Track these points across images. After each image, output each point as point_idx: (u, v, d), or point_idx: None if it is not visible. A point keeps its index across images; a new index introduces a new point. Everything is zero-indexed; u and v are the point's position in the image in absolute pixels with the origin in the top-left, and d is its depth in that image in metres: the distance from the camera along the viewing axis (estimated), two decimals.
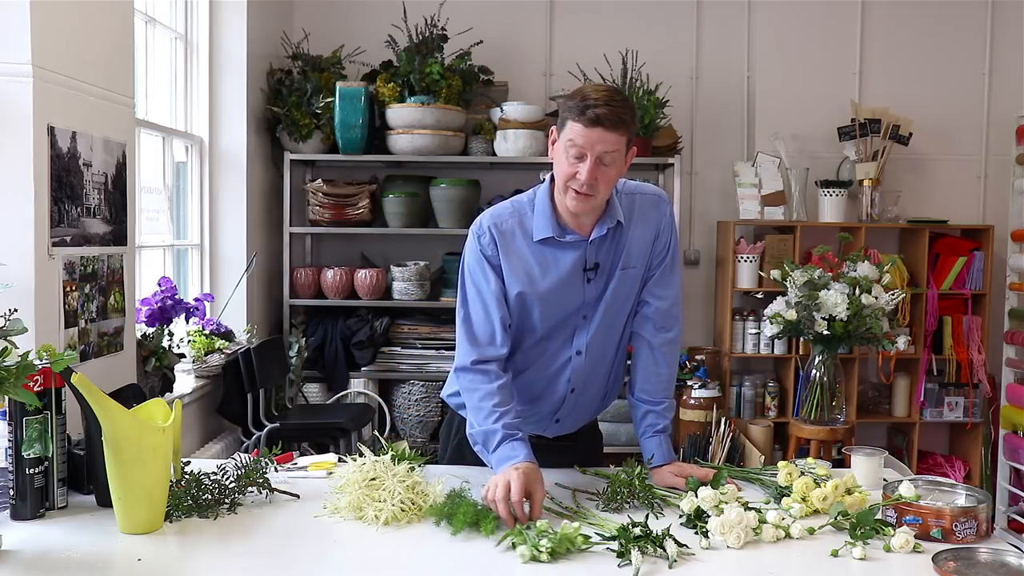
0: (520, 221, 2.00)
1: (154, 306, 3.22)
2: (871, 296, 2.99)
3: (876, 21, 4.68)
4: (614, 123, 1.83)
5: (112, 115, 2.68)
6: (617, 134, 1.84)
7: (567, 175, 1.88)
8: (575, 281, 2.01)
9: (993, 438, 4.58)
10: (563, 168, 1.89)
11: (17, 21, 2.23)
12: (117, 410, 1.64)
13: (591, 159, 1.84)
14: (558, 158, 1.91)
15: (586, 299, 2.03)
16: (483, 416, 1.91)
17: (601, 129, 1.83)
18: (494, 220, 2.01)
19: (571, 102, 1.87)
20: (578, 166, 1.86)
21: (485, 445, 1.90)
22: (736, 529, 1.64)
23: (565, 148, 1.87)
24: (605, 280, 2.03)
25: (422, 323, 4.52)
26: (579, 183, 1.86)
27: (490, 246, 1.98)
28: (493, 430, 1.88)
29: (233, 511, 1.79)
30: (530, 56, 4.72)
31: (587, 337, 2.05)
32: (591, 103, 1.83)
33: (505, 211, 2.03)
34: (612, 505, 1.83)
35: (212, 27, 4.08)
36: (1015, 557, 1.57)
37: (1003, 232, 4.60)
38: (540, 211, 1.99)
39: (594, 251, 2.00)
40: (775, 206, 4.47)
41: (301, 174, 4.63)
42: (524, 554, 1.55)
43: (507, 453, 1.84)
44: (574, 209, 1.93)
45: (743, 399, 4.54)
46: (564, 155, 1.88)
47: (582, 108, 1.83)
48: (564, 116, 1.89)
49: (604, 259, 2.02)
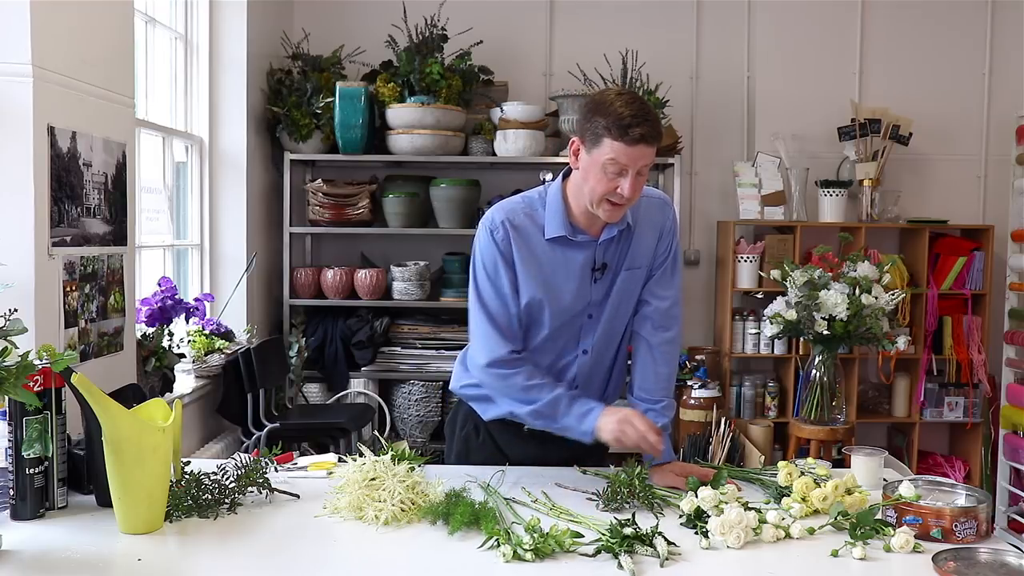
0: (532, 217, 2.03)
1: (154, 306, 3.22)
2: (871, 296, 2.99)
3: (876, 21, 4.68)
4: (655, 138, 1.87)
5: (112, 115, 2.68)
6: (655, 147, 1.89)
7: (606, 190, 1.90)
8: (583, 281, 2.04)
9: (993, 438, 4.58)
10: (600, 184, 1.89)
11: (17, 21, 2.23)
12: (117, 410, 1.64)
13: (632, 174, 1.87)
14: (591, 175, 1.90)
15: (592, 299, 2.06)
16: (536, 391, 1.97)
17: (643, 146, 1.86)
18: (507, 215, 2.02)
19: (604, 120, 1.86)
20: (618, 181, 1.88)
21: (552, 416, 1.96)
22: (736, 529, 1.64)
23: (603, 165, 1.87)
24: (610, 280, 2.06)
25: (422, 323, 4.52)
26: (622, 197, 1.89)
27: (504, 241, 2.00)
28: (555, 398, 1.95)
29: (233, 511, 1.79)
30: (530, 56, 4.72)
31: (593, 337, 2.08)
32: (630, 121, 1.83)
33: (517, 206, 2.04)
34: (612, 505, 1.83)
35: (212, 27, 4.08)
36: (1015, 557, 1.57)
37: (1003, 232, 4.60)
38: (552, 210, 2.01)
39: (602, 252, 2.04)
40: (775, 206, 4.47)
41: (301, 174, 4.63)
42: (506, 553, 1.55)
43: (582, 409, 1.94)
44: (608, 219, 1.96)
45: (743, 399, 4.53)
46: (602, 172, 1.88)
47: (623, 127, 1.83)
48: (599, 133, 1.87)
49: (611, 260, 2.05)
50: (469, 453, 2.19)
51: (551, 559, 1.56)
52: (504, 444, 2.17)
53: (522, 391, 1.98)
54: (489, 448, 2.18)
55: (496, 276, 2.01)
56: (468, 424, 2.20)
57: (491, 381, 2.03)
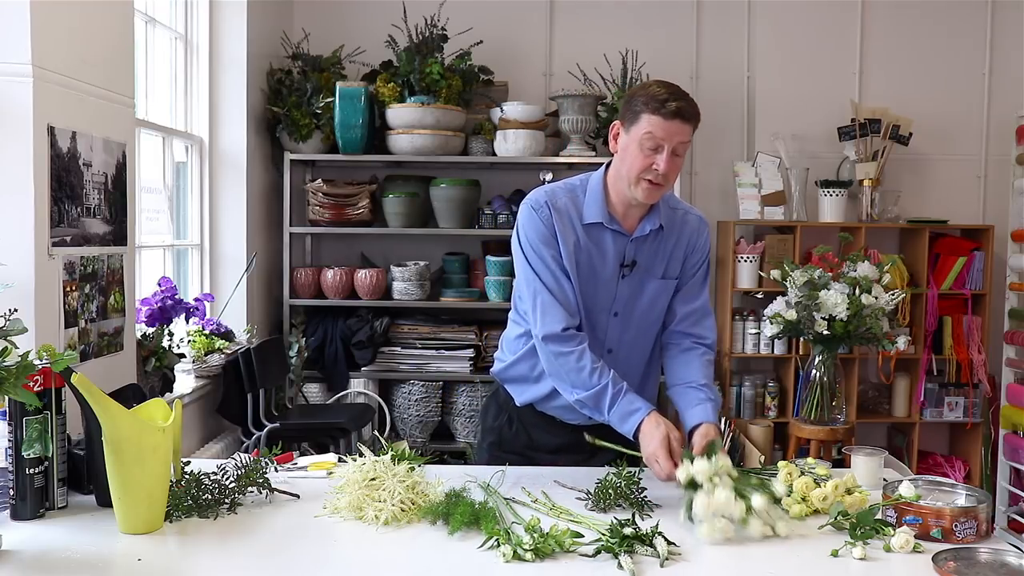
0: (573, 201, 2.07)
1: (154, 306, 3.22)
2: (871, 296, 2.99)
3: (876, 21, 4.68)
4: (691, 115, 1.95)
5: (112, 115, 2.68)
6: (691, 125, 1.96)
7: (643, 167, 1.95)
8: (611, 274, 2.07)
9: (993, 438, 4.58)
10: (637, 160, 1.95)
11: (17, 21, 2.23)
12: (117, 410, 1.64)
13: (668, 149, 1.93)
14: (630, 151, 1.97)
15: (618, 295, 2.08)
16: (585, 376, 1.97)
17: (679, 121, 1.93)
18: (549, 196, 2.07)
19: (643, 98, 1.94)
20: (654, 157, 1.94)
21: (597, 406, 1.98)
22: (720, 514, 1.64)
23: (640, 141, 1.94)
24: (640, 282, 2.09)
25: (422, 323, 4.52)
26: (657, 174, 1.94)
27: (547, 219, 2.04)
28: (602, 388, 1.96)
29: (233, 511, 1.79)
30: (530, 56, 4.72)
31: (618, 337, 2.10)
32: (666, 96, 1.93)
33: (559, 189, 2.09)
34: (600, 505, 1.83)
35: (212, 27, 4.08)
36: (1015, 557, 1.57)
37: (1003, 232, 4.60)
38: (592, 196, 2.06)
39: (634, 249, 2.07)
40: (775, 206, 4.47)
41: (301, 174, 4.63)
42: (506, 553, 1.55)
43: (626, 408, 1.94)
44: (645, 199, 1.99)
45: (743, 399, 4.53)
46: (638, 148, 1.95)
47: (661, 101, 1.92)
48: (637, 111, 1.95)
49: (641, 259, 2.08)
50: (502, 443, 2.22)
51: (551, 559, 1.56)
52: (537, 435, 2.19)
53: (573, 373, 1.99)
54: (523, 439, 2.21)
55: (544, 253, 2.04)
56: (502, 415, 2.24)
57: (546, 357, 2.04)
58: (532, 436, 2.20)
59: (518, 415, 2.21)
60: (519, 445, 2.20)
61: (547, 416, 2.18)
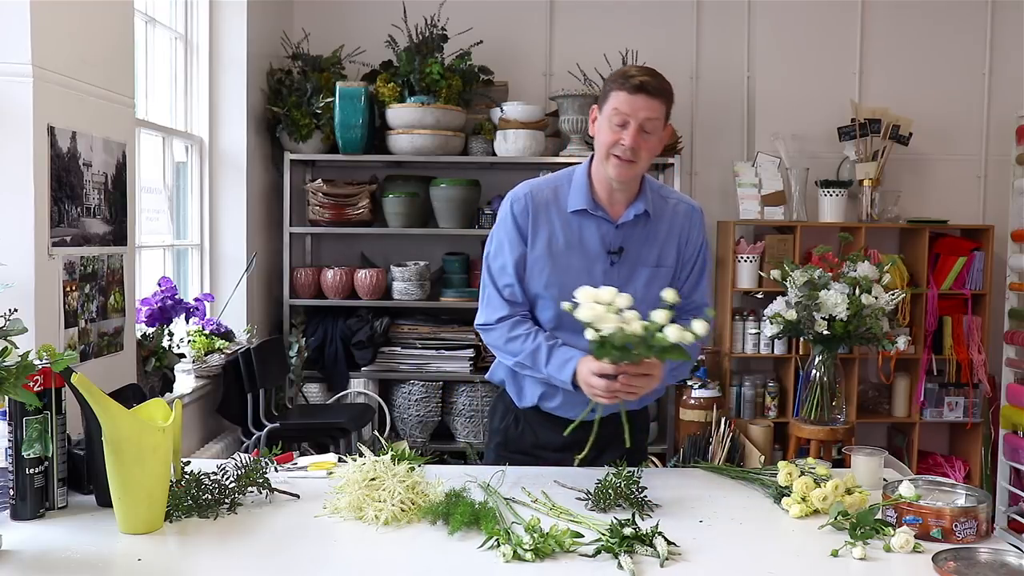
0: (556, 193, 2.12)
1: (154, 306, 3.22)
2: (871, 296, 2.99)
3: (876, 21, 4.68)
4: (657, 90, 1.97)
5: (112, 115, 2.68)
6: (659, 102, 1.98)
7: (611, 142, 1.99)
8: (598, 262, 2.09)
9: (993, 438, 4.58)
10: (606, 137, 2.00)
11: (17, 21, 2.23)
12: (117, 410, 1.64)
13: (634, 125, 1.96)
14: (601, 129, 2.02)
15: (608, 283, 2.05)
16: (519, 343, 2.05)
17: (644, 96, 1.96)
18: (531, 189, 2.13)
19: (614, 77, 2.02)
20: (621, 133, 1.97)
21: (535, 364, 2.03)
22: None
23: (608, 118, 1.99)
24: (631, 270, 2.10)
25: (422, 323, 4.52)
26: (623, 148, 1.97)
27: (522, 213, 2.10)
28: (536, 347, 2.02)
29: (233, 511, 1.79)
30: (530, 56, 4.72)
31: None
32: (635, 73, 1.98)
33: (543, 183, 2.15)
34: (600, 505, 1.83)
35: (212, 27, 4.08)
36: (1015, 557, 1.57)
37: (1003, 232, 4.60)
38: (577, 185, 2.10)
39: (621, 235, 2.09)
40: (775, 206, 4.47)
41: (301, 174, 4.63)
42: (506, 553, 1.55)
43: (563, 356, 1.98)
44: (616, 176, 2.02)
45: (743, 399, 4.53)
46: (607, 124, 2.00)
47: (626, 78, 1.98)
48: (607, 90, 2.01)
49: (630, 247, 2.10)
50: (508, 443, 2.24)
51: (551, 559, 1.56)
52: (543, 434, 2.19)
53: (509, 343, 2.08)
54: (529, 438, 2.22)
55: (502, 244, 2.11)
56: (508, 416, 2.25)
57: (486, 340, 2.15)
58: (539, 435, 2.21)
59: (524, 415, 2.22)
60: (526, 445, 2.21)
61: (551, 415, 2.18)
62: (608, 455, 2.11)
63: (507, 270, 2.10)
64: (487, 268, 2.15)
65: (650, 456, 3.95)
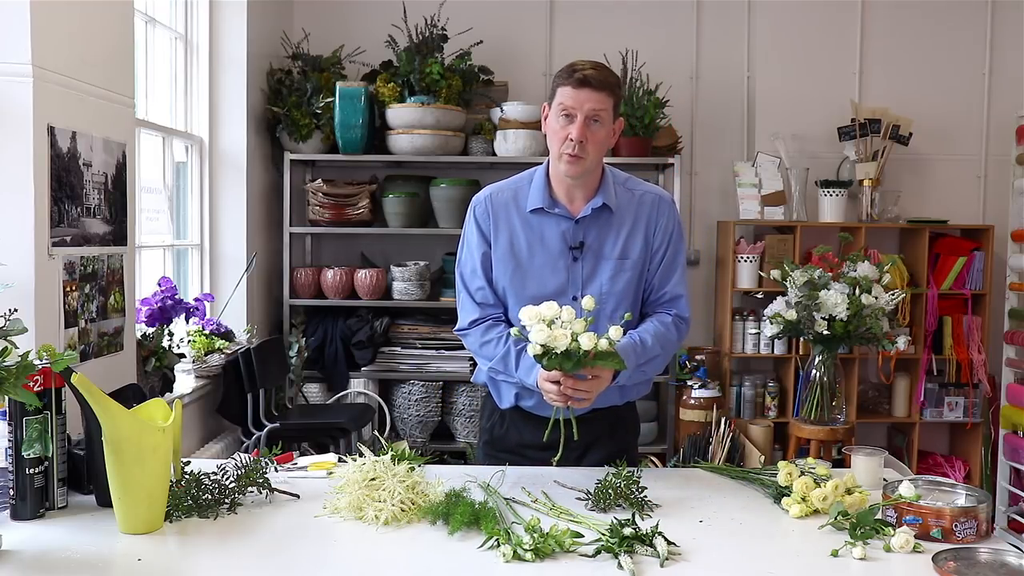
0: (515, 194, 2.15)
1: (154, 306, 3.22)
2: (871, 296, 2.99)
3: (876, 21, 4.68)
4: (601, 83, 1.98)
5: (112, 115, 2.68)
6: (604, 94, 1.98)
7: (560, 139, 2.01)
8: (561, 258, 2.10)
9: (993, 438, 4.58)
10: (556, 134, 2.03)
11: (17, 21, 2.23)
12: (117, 410, 1.64)
13: (580, 118, 1.98)
14: (551, 127, 2.05)
15: (572, 279, 2.10)
16: (491, 347, 2.08)
17: (589, 89, 1.97)
18: (492, 192, 2.18)
19: (560, 72, 2.03)
20: (568, 128, 1.99)
21: (506, 368, 2.06)
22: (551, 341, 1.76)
23: (556, 114, 2.01)
24: (594, 264, 2.10)
25: (422, 323, 4.51)
26: (571, 144, 1.99)
27: (483, 216, 2.16)
28: (506, 351, 2.04)
29: (233, 511, 1.79)
30: (530, 56, 4.72)
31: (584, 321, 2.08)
32: (578, 67, 1.99)
33: (504, 186, 2.19)
34: (600, 505, 1.83)
35: (212, 27, 4.08)
36: (1015, 557, 1.57)
37: (1003, 232, 4.60)
38: (536, 184, 2.13)
39: (581, 230, 2.10)
40: (775, 206, 4.47)
41: (301, 174, 4.63)
42: (506, 553, 1.55)
43: (529, 361, 1.97)
44: (567, 173, 2.04)
45: (743, 399, 4.53)
46: (556, 120, 2.02)
47: (570, 72, 1.99)
48: (554, 86, 2.04)
49: (592, 241, 2.10)
50: (494, 442, 2.24)
51: (551, 559, 1.56)
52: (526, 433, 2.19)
53: (482, 347, 2.12)
54: (513, 437, 2.22)
55: (470, 247, 2.18)
56: (495, 415, 2.26)
57: (467, 344, 2.18)
58: (522, 434, 2.20)
59: (507, 414, 2.22)
60: (510, 443, 2.21)
61: (532, 415, 2.17)
62: (593, 455, 2.13)
63: (476, 272, 2.15)
64: (459, 274, 2.20)
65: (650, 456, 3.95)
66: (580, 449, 2.13)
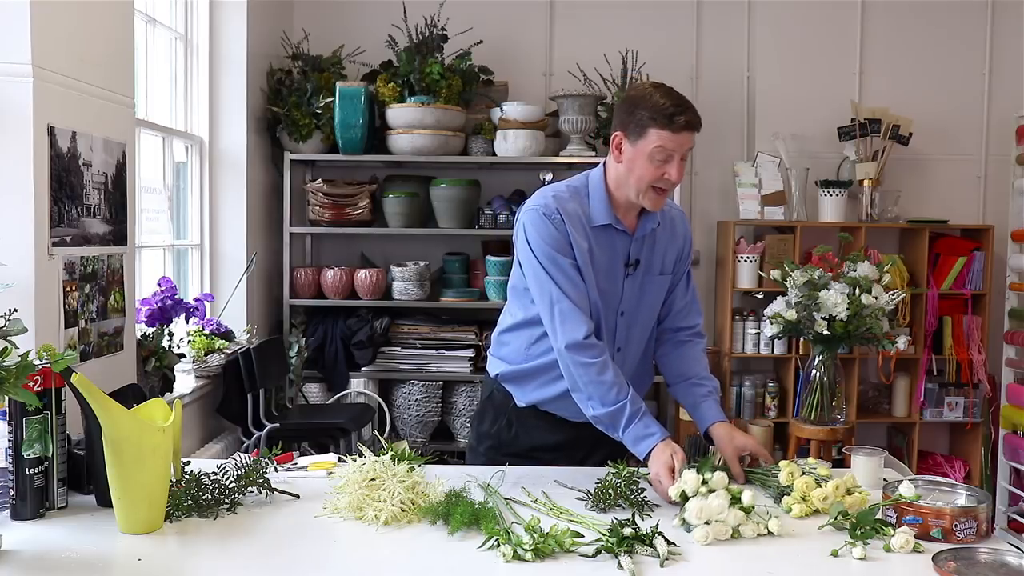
0: (580, 204, 2.08)
1: (154, 306, 3.22)
2: (871, 296, 2.99)
3: (876, 21, 4.68)
4: (699, 124, 2.00)
5: (112, 115, 2.68)
6: (697, 132, 2.01)
7: (654, 177, 1.99)
8: (617, 274, 2.11)
9: (993, 438, 4.57)
10: (647, 172, 1.99)
11: (17, 21, 2.23)
12: (117, 410, 1.64)
13: (678, 159, 1.98)
14: (638, 164, 1.99)
15: (624, 295, 2.12)
16: (605, 390, 1.97)
17: (688, 132, 1.97)
18: (557, 201, 2.06)
19: (648, 111, 1.95)
20: (665, 167, 1.97)
21: (613, 423, 1.98)
22: (714, 519, 1.65)
23: (650, 154, 1.97)
24: (643, 280, 2.14)
25: (422, 323, 4.52)
26: (670, 183, 2.00)
27: (561, 225, 2.04)
28: (620, 407, 1.96)
29: (233, 511, 1.79)
30: (530, 56, 4.72)
31: (625, 334, 2.14)
32: (673, 111, 1.95)
33: (564, 194, 2.09)
34: (600, 505, 1.83)
35: (212, 27, 4.08)
36: (1015, 557, 1.57)
37: (1003, 232, 4.60)
38: (597, 198, 2.08)
39: (637, 248, 2.12)
40: (775, 206, 4.47)
41: (301, 174, 4.63)
42: (506, 553, 1.55)
43: (641, 431, 1.94)
44: (653, 207, 2.05)
45: (743, 399, 4.53)
46: (648, 160, 1.98)
47: (668, 116, 1.95)
48: (643, 124, 1.97)
49: (644, 258, 2.13)
50: (501, 447, 2.21)
51: (551, 559, 1.56)
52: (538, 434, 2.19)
53: (593, 385, 1.97)
54: (523, 440, 2.20)
55: (563, 259, 2.03)
56: (500, 419, 2.23)
57: (568, 366, 2.01)
58: (533, 436, 2.20)
59: (517, 416, 2.20)
60: (520, 447, 2.20)
61: (547, 415, 2.18)
62: (596, 455, 2.14)
63: (572, 278, 2.02)
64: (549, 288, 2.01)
65: None
66: (585, 450, 2.14)
